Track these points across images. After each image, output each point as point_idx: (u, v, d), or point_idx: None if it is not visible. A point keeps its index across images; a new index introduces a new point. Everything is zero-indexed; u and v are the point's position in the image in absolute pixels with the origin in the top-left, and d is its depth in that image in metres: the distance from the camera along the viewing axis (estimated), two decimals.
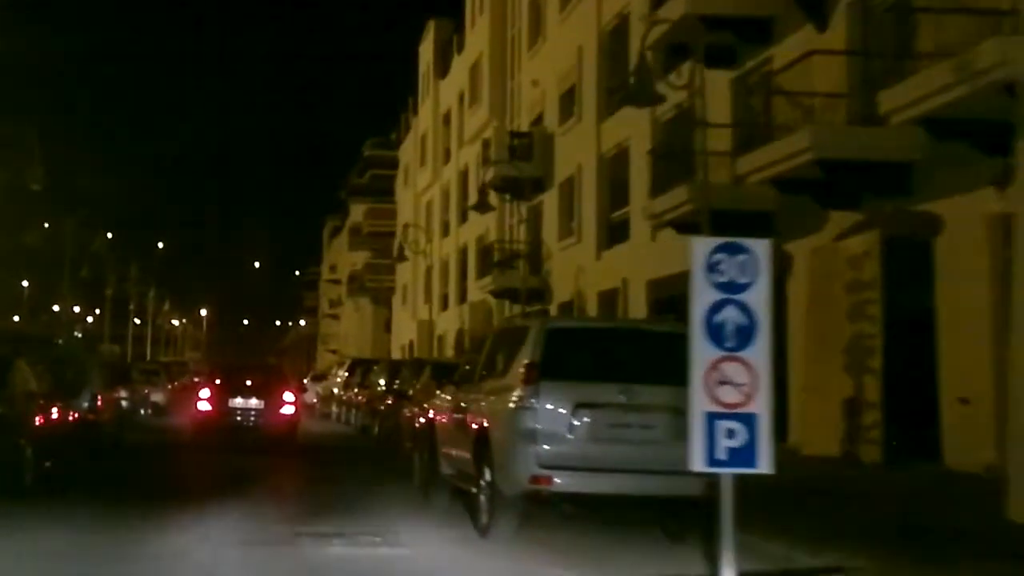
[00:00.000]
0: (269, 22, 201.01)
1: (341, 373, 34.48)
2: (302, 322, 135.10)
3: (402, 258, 41.22)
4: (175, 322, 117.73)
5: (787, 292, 17.93)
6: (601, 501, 10.39)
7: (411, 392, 19.45)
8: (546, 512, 10.64)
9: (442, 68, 51.09)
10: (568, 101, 31.55)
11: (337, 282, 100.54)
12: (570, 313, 30.70)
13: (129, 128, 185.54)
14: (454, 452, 12.00)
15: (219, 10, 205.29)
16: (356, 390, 29.22)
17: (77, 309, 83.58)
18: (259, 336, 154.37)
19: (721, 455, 7.96)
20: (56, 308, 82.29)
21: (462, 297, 45.51)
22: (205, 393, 21.98)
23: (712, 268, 8.15)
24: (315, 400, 40.24)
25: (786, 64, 16.93)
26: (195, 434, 21.88)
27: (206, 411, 21.71)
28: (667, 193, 19.64)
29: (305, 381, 50.76)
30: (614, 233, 27.70)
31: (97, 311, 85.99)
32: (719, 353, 8.05)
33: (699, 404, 8.00)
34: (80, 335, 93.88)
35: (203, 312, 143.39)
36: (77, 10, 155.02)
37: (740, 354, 8.05)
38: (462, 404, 11.84)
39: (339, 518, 11.93)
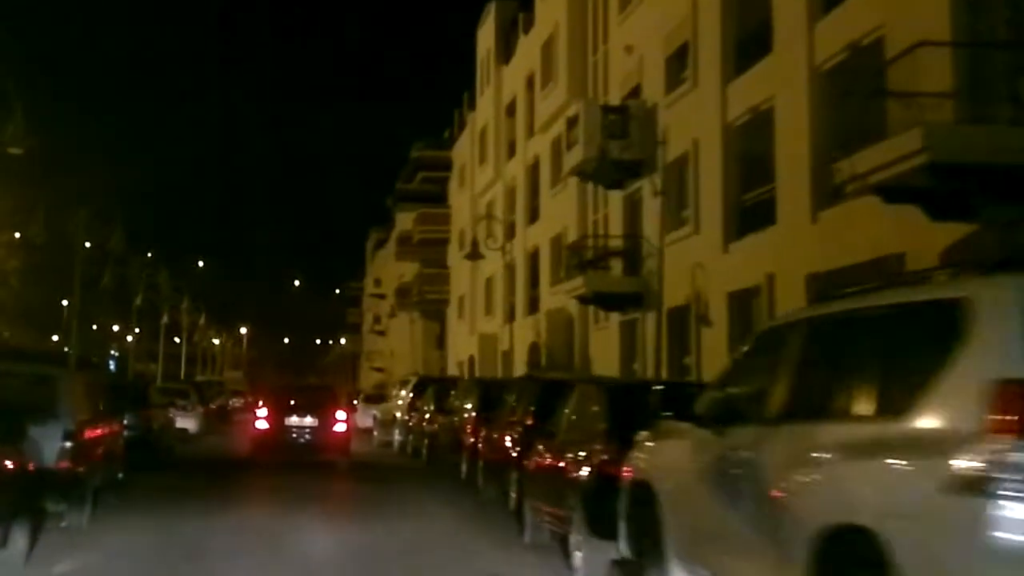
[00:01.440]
0: (293, 25, 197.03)
1: (403, 393, 29.19)
2: (342, 340, 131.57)
3: (476, 256, 35.96)
4: (215, 340, 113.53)
5: None
6: None
7: (561, 428, 13.11)
8: None
9: (505, 53, 45.86)
10: (676, 64, 26.20)
11: (382, 296, 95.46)
12: (683, 320, 25.32)
13: (170, 142, 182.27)
14: None
15: (250, 16, 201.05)
16: (427, 415, 23.88)
17: (116, 328, 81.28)
18: (300, 354, 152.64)
19: None
20: (95, 327, 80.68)
21: (532, 307, 40.20)
22: (263, 412, 23.36)
23: None
24: (371, 424, 35.02)
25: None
26: (253, 450, 23.17)
27: (264, 429, 22.97)
28: (876, 146, 14.17)
29: (355, 402, 45.82)
30: (748, 219, 22.27)
31: (137, 330, 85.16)
32: None
33: None
34: (116, 354, 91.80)
35: (243, 330, 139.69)
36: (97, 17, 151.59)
37: None
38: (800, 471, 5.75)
39: None
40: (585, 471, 9.47)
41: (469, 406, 19.00)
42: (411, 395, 27.34)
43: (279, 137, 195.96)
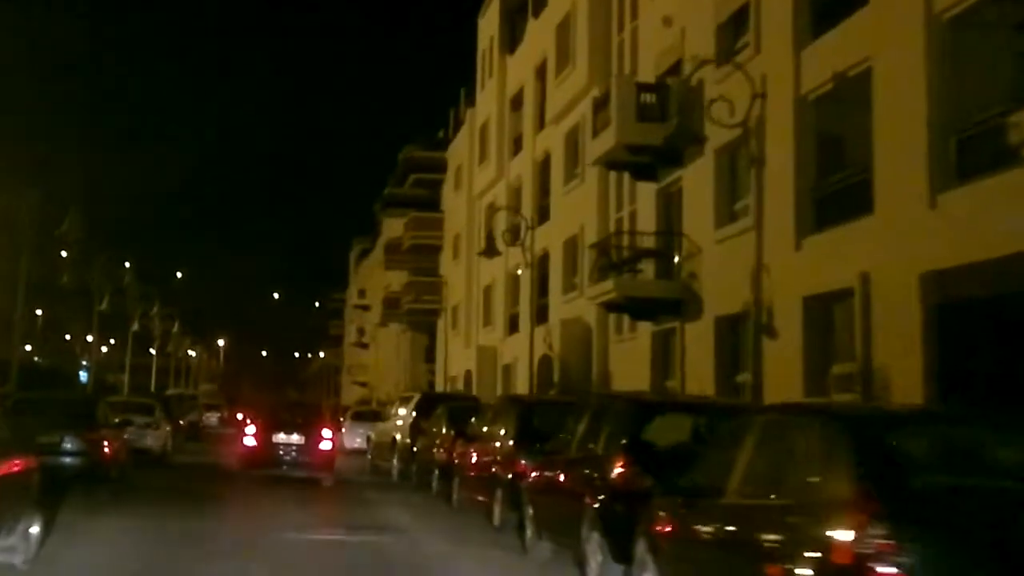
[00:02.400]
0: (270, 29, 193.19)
1: (402, 412, 25.22)
2: (321, 354, 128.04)
3: (492, 252, 32.01)
4: (191, 352, 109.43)
5: None
6: None
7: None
8: None
9: (510, 40, 42.16)
10: (730, 32, 22.51)
11: (366, 308, 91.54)
12: (735, 330, 21.58)
13: (146, 148, 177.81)
14: None
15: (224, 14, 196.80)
16: (440, 441, 19.74)
17: (90, 338, 78.12)
18: (278, 367, 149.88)
19: None
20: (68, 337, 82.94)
21: (540, 317, 36.35)
22: (251, 429, 23.44)
23: None
24: (361, 445, 31.07)
25: None
26: (241, 466, 23.31)
27: (251, 446, 23.14)
28: None
29: (341, 419, 41.94)
30: (830, 208, 18.51)
31: (112, 341, 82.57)
32: None
33: None
34: (85, 363, 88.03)
35: (220, 342, 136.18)
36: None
37: None
38: None
39: None
40: None
41: (504, 432, 15.02)
42: (413, 414, 23.40)
43: (260, 144, 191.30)
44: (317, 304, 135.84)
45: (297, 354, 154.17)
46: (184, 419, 31.24)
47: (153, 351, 77.63)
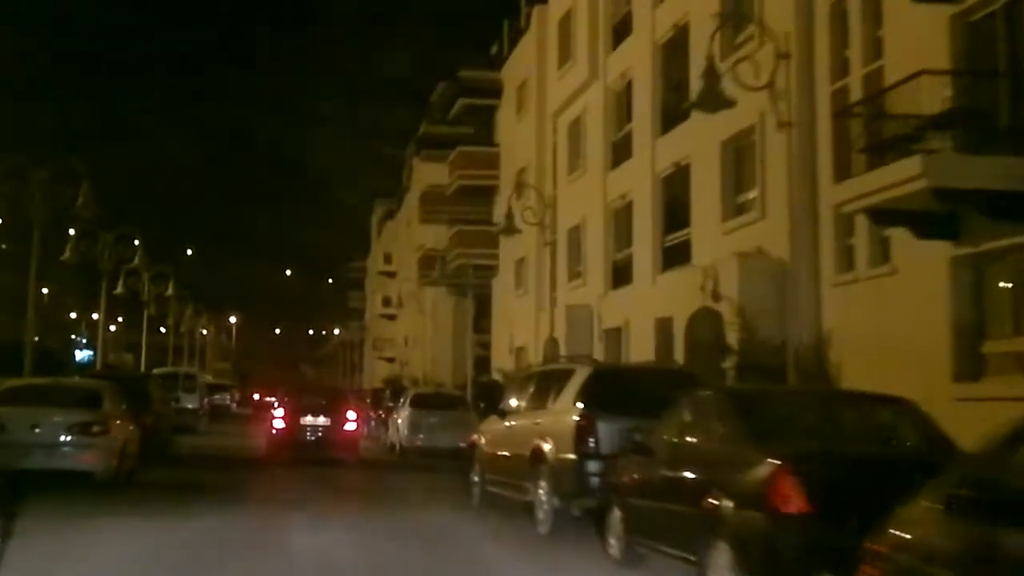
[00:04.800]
0: None
1: (562, 397, 13.77)
2: (336, 331, 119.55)
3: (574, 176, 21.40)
4: (203, 331, 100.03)
5: None
6: None
7: None
8: None
9: None
10: None
11: (392, 275, 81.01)
12: None
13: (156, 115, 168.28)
14: None
15: None
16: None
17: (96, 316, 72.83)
18: (292, 344, 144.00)
19: None
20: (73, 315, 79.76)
21: (670, 258, 25.79)
22: (280, 412, 24.23)
23: None
24: (481, 442, 20.09)
25: None
26: (271, 448, 23.95)
27: (280, 428, 23.91)
28: None
29: (370, 401, 32.42)
30: None
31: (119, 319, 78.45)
32: None
33: None
34: (83, 340, 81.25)
35: (232, 319, 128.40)
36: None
37: None
38: None
39: None
40: None
41: None
42: (580, 407, 12.45)
43: (268, 110, 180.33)
44: (330, 280, 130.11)
45: (312, 331, 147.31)
46: (150, 415, 20.44)
47: (163, 329, 68.17)
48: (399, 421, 25.55)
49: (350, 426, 23.67)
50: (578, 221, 32.43)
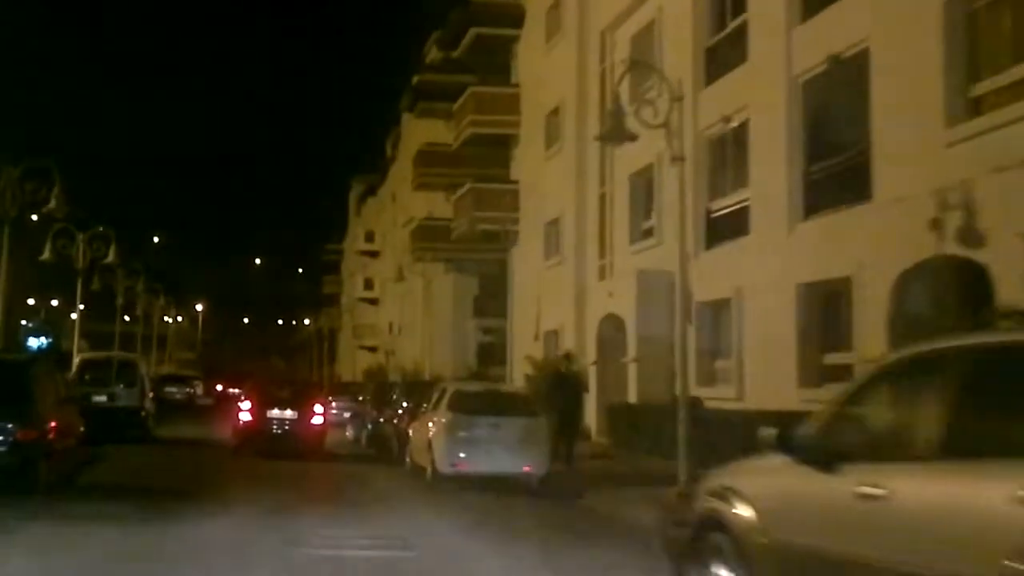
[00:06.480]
0: None
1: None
2: (306, 321, 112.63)
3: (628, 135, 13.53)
4: (167, 318, 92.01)
5: None
6: None
7: None
8: None
9: None
10: None
11: (374, 254, 72.73)
12: None
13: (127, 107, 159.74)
14: None
15: None
16: None
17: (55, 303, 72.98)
18: (260, 334, 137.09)
19: None
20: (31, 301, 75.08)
21: (813, 198, 17.77)
22: (246, 405, 24.07)
23: None
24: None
25: None
26: (237, 441, 23.84)
27: (247, 420, 23.79)
28: None
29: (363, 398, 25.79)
30: None
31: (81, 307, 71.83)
32: None
33: None
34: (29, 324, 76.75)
35: (198, 307, 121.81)
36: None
37: None
38: None
39: None
40: None
41: None
42: None
43: (234, 86, 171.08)
44: (300, 270, 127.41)
45: (281, 321, 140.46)
46: (55, 417, 12.23)
47: (128, 318, 60.34)
48: (431, 432, 16.38)
49: (316, 420, 24.06)
50: (651, 160, 24.24)
